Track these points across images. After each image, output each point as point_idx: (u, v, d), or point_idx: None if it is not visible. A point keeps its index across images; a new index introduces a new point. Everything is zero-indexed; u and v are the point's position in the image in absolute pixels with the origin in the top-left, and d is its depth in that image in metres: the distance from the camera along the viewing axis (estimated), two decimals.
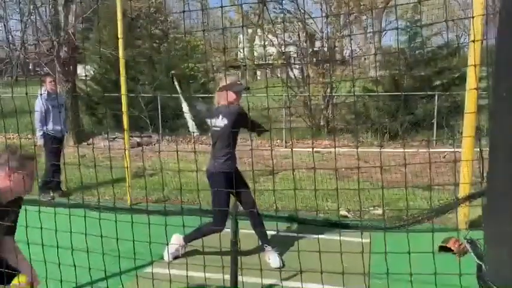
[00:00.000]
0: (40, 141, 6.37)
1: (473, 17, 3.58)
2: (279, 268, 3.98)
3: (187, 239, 4.14)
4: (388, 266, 2.17)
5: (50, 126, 6.41)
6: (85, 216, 2.37)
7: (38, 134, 6.40)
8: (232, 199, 4.03)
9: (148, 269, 3.47)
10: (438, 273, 2.01)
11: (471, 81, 4.45)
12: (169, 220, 2.45)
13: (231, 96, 3.91)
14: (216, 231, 3.73)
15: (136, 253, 2.28)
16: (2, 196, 2.37)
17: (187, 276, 2.58)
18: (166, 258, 4.09)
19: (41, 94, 6.41)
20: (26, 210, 2.58)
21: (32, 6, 11.08)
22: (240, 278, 3.18)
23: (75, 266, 2.13)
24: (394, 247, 2.15)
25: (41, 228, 2.14)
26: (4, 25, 17.10)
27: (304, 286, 3.27)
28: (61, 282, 2.14)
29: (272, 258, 4.15)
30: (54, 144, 6.39)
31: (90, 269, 2.26)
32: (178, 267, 3.15)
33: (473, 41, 3.28)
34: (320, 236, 4.72)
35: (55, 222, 2.11)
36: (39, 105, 6.37)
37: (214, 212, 4.04)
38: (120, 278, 2.59)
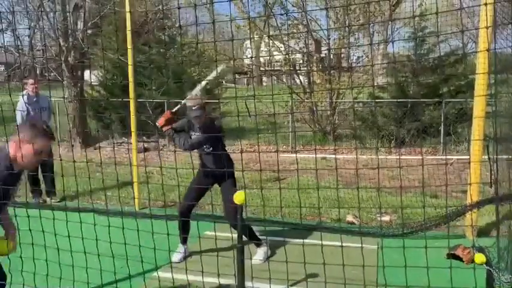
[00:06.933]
0: None
1: (487, 28, 3.56)
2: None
3: (181, 239, 4.26)
4: (397, 273, 2.17)
5: None
6: (94, 223, 2.39)
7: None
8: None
9: (155, 273, 3.48)
10: (455, 267, 2.00)
11: (480, 88, 4.45)
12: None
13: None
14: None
15: (144, 257, 2.30)
16: (14, 164, 2.39)
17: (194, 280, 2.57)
18: (174, 260, 4.13)
19: (22, 95, 6.45)
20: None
21: (40, 12, 11.16)
22: (250, 284, 3.17)
23: (87, 268, 2.16)
24: (402, 254, 2.14)
25: (55, 234, 2.15)
26: (13, 30, 17.22)
27: None
28: (73, 282, 2.17)
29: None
30: None
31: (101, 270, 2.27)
32: (189, 272, 3.15)
33: (488, 50, 3.26)
34: (325, 243, 4.71)
35: (67, 227, 2.13)
36: (20, 106, 6.42)
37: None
38: (129, 282, 2.60)
